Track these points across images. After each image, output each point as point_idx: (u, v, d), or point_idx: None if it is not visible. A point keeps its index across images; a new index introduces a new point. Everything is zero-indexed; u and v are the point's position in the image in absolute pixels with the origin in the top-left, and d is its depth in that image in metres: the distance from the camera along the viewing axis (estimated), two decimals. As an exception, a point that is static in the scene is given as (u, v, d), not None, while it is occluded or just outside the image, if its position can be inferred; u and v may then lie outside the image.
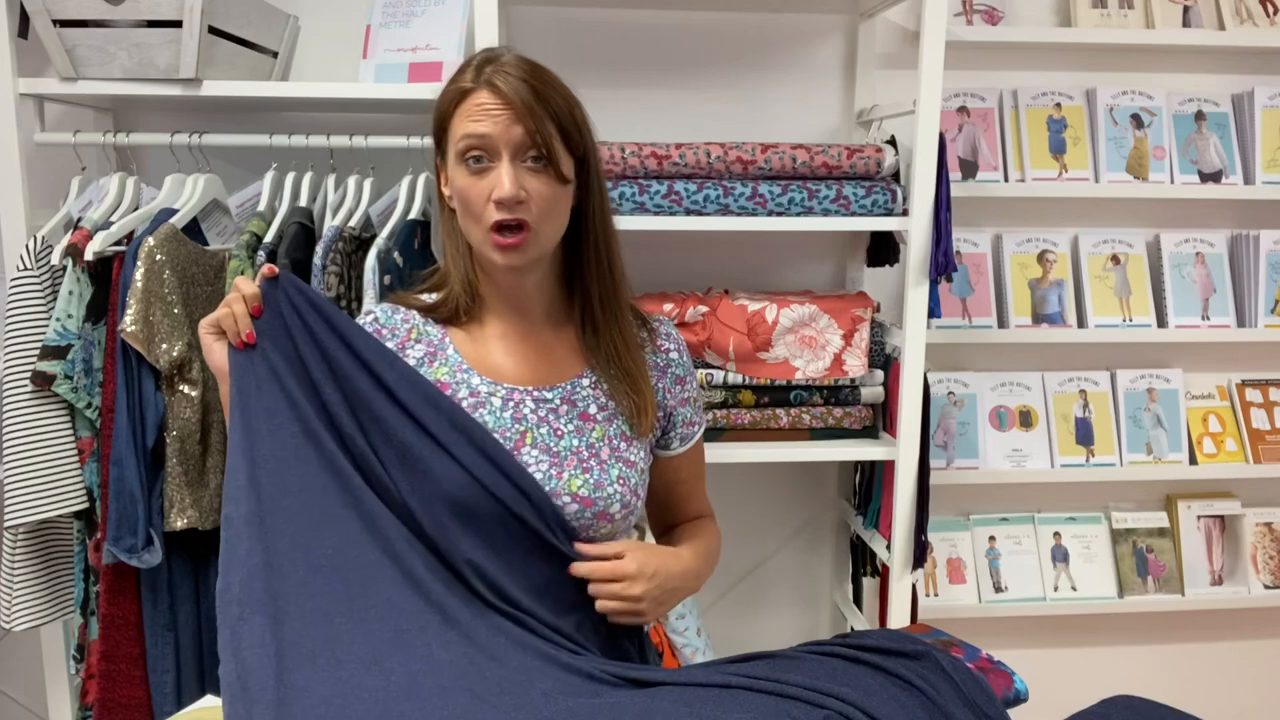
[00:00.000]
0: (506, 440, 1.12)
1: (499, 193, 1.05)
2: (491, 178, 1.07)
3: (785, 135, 2.00)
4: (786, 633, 2.19)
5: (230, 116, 1.87)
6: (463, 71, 1.10)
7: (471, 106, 1.07)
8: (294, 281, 1.10)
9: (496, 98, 1.06)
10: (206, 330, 1.09)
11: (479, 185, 1.07)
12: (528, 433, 1.13)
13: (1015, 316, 2.03)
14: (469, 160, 1.08)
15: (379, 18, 1.71)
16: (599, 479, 1.14)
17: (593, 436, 1.16)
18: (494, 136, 1.06)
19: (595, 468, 1.14)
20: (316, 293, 1.12)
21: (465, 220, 1.11)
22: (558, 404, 1.16)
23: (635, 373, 1.19)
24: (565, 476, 1.12)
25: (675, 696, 1.00)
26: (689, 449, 1.29)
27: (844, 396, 1.79)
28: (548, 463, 1.12)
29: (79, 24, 1.52)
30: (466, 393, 1.13)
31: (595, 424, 1.16)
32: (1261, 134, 2.04)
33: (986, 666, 1.23)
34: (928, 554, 1.84)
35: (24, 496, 1.47)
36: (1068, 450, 2.06)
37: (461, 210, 1.10)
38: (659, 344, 1.25)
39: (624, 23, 1.96)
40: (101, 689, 1.53)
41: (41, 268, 1.50)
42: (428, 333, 1.17)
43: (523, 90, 1.06)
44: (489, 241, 1.08)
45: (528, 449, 1.12)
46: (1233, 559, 2.15)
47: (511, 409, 1.14)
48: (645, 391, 1.19)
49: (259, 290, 1.08)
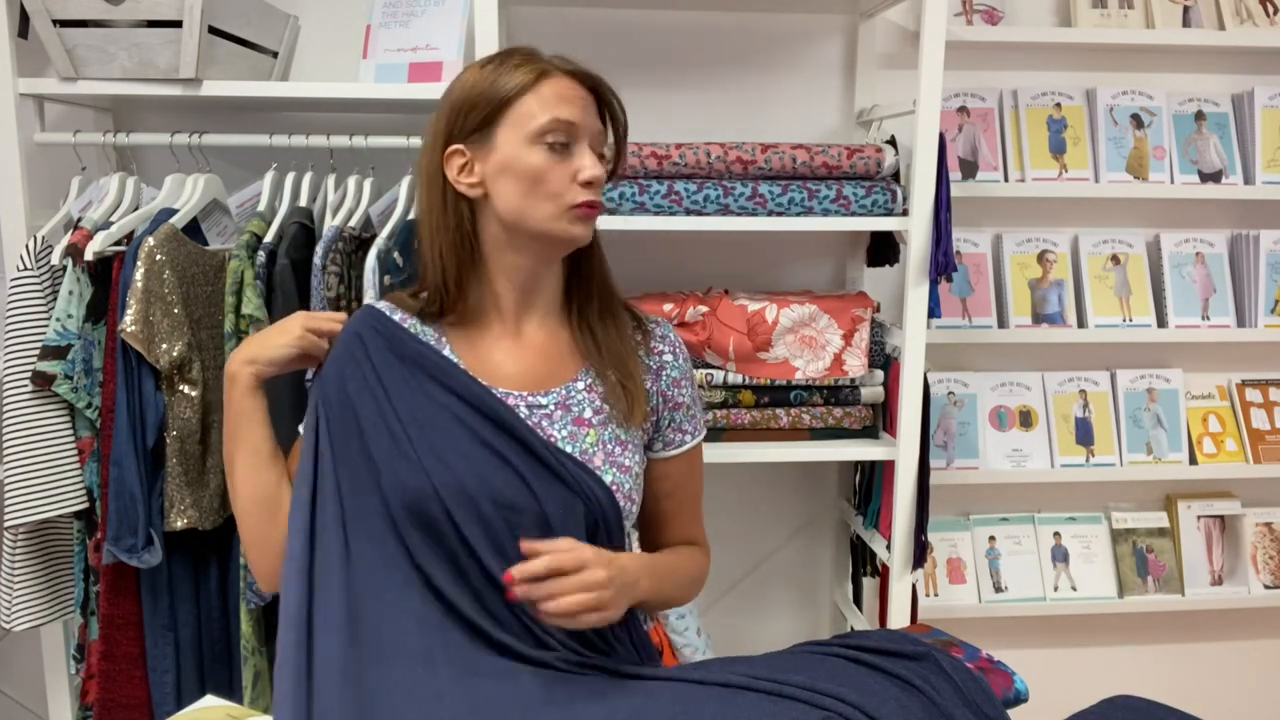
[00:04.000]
0: None
1: (590, 173, 1.10)
2: (575, 160, 1.10)
3: (785, 135, 2.00)
4: (786, 633, 2.19)
5: (230, 116, 1.87)
6: (516, 59, 1.11)
7: (552, 91, 1.09)
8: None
9: (581, 86, 1.12)
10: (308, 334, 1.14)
11: (561, 167, 1.09)
12: None
13: (1015, 316, 2.03)
14: (550, 142, 1.09)
15: (379, 18, 1.71)
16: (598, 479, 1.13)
17: (586, 442, 1.14)
18: (579, 123, 1.10)
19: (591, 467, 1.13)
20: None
21: (531, 200, 1.09)
22: (552, 409, 1.14)
23: (630, 364, 1.18)
24: None
25: (673, 695, 1.00)
26: (679, 456, 1.24)
27: (844, 396, 1.79)
28: None
29: (79, 24, 1.52)
30: None
31: (590, 428, 1.15)
32: (1261, 134, 2.04)
33: (986, 666, 1.23)
34: (928, 554, 1.84)
35: (24, 496, 1.47)
36: (1068, 450, 2.06)
37: (528, 190, 1.09)
38: (652, 346, 1.23)
39: (624, 23, 1.96)
40: (101, 689, 1.53)
41: (41, 268, 1.50)
42: (425, 333, 1.16)
43: (600, 85, 1.14)
44: (568, 215, 1.10)
45: None
46: (1233, 559, 2.15)
47: None
48: (637, 378, 1.18)
49: None
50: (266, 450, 1.15)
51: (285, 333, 1.13)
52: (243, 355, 1.13)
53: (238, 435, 1.14)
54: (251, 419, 1.14)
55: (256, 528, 1.14)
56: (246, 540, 1.16)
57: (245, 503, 1.14)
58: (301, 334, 1.13)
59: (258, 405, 1.14)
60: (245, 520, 1.15)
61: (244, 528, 1.16)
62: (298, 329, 1.13)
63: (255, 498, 1.14)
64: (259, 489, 1.14)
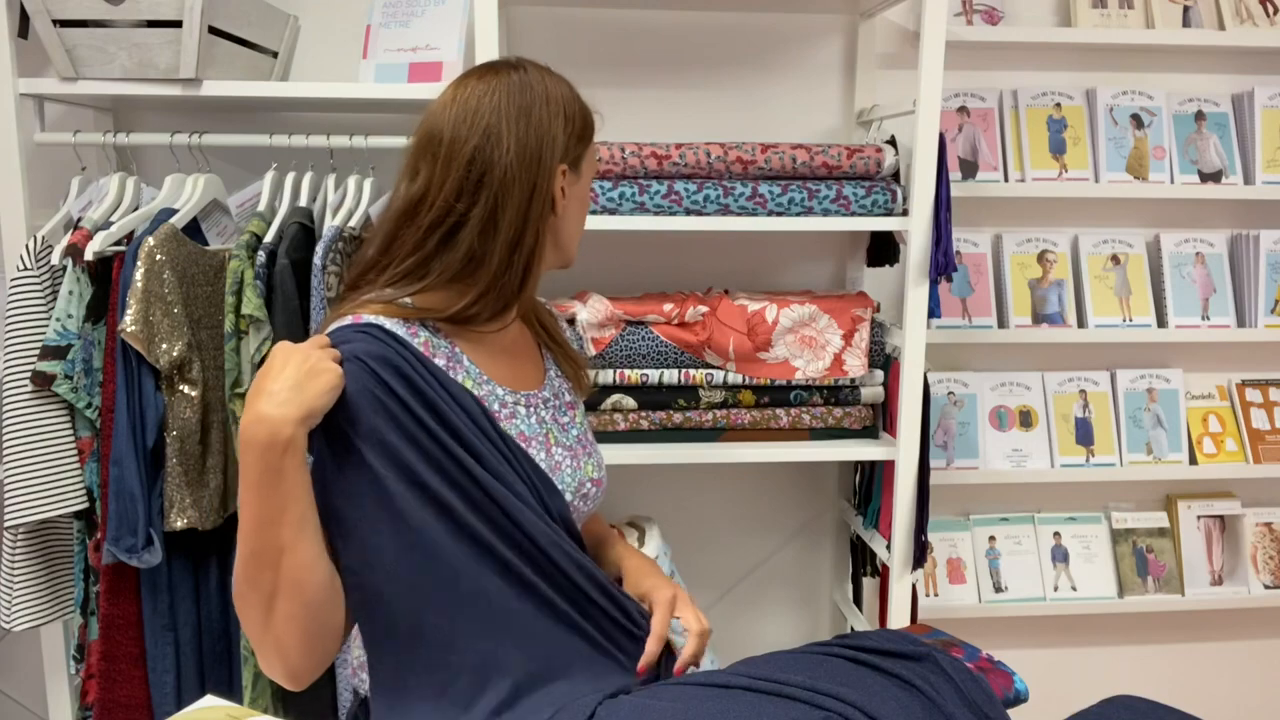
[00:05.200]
0: (540, 445, 1.14)
1: None
2: None
3: (785, 135, 2.00)
4: (786, 633, 2.19)
5: (230, 116, 1.87)
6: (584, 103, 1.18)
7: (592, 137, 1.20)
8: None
9: None
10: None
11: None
12: (549, 434, 1.17)
13: (1015, 316, 2.03)
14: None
15: (379, 18, 1.71)
16: (598, 458, 1.23)
17: (579, 421, 1.24)
18: None
19: (592, 448, 1.23)
20: None
21: (573, 224, 1.18)
22: (552, 400, 1.21)
23: (564, 339, 1.30)
24: (583, 465, 1.19)
25: (673, 695, 1.00)
26: None
27: (844, 396, 1.79)
28: (570, 456, 1.17)
29: (79, 24, 1.52)
30: (496, 404, 1.11)
31: (575, 409, 1.25)
32: (1261, 134, 2.04)
33: (986, 666, 1.23)
34: (928, 554, 1.84)
35: (24, 496, 1.47)
36: (1068, 450, 2.06)
37: (584, 221, 1.20)
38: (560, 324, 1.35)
39: (624, 23, 1.96)
40: (101, 689, 1.53)
41: (41, 268, 1.50)
42: (438, 344, 1.09)
43: None
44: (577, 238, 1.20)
45: (555, 448, 1.16)
46: (1233, 559, 2.15)
47: (534, 413, 1.16)
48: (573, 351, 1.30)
49: None
50: (319, 530, 0.98)
51: (320, 372, 0.95)
52: (292, 414, 0.92)
53: (288, 518, 0.93)
54: (307, 493, 0.96)
55: (318, 615, 0.96)
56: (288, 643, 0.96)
57: (314, 592, 0.95)
58: (340, 373, 0.97)
59: (308, 472, 0.97)
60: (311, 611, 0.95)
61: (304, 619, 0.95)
62: (328, 362, 0.96)
63: (317, 593, 0.96)
64: (321, 579, 0.96)
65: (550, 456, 1.14)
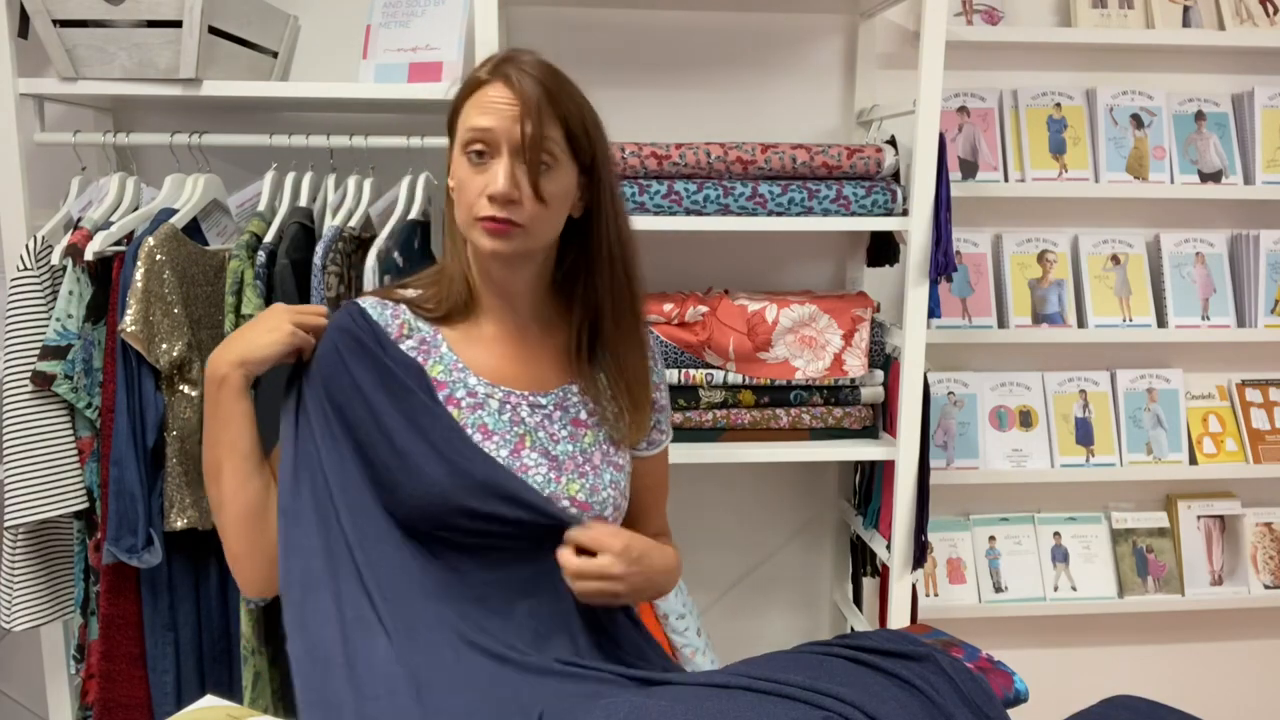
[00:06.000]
0: (505, 443, 1.12)
1: (493, 188, 1.05)
2: (489, 172, 1.07)
3: (785, 135, 2.00)
4: (786, 633, 2.19)
5: (230, 116, 1.87)
6: (482, 65, 1.10)
7: (482, 99, 1.07)
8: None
9: (508, 92, 1.06)
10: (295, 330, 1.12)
11: (476, 179, 1.07)
12: (526, 435, 1.14)
13: (1015, 316, 2.03)
14: (471, 152, 1.07)
15: (379, 18, 1.70)
16: (594, 484, 1.16)
17: (585, 442, 1.17)
18: (497, 131, 1.06)
19: (590, 473, 1.16)
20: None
21: (459, 210, 1.11)
22: (551, 410, 1.17)
23: (637, 386, 1.20)
24: (564, 480, 1.14)
25: (673, 695, 1.00)
26: (655, 455, 1.29)
27: (844, 396, 1.79)
28: (546, 466, 1.13)
29: (79, 24, 1.52)
30: (464, 392, 1.13)
31: (587, 429, 1.18)
32: (1261, 134, 2.04)
33: (986, 666, 1.23)
34: (928, 554, 1.84)
35: (24, 496, 1.47)
36: (1068, 450, 2.06)
37: (456, 200, 1.11)
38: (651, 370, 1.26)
39: (624, 23, 1.96)
40: (101, 689, 1.53)
41: (41, 268, 1.50)
42: (419, 329, 1.15)
43: (533, 89, 1.06)
44: (476, 226, 1.08)
45: (527, 451, 1.13)
46: (1233, 559, 2.15)
47: (510, 411, 1.14)
48: (644, 405, 1.21)
49: None
50: (256, 455, 1.12)
51: (273, 329, 1.11)
52: (231, 356, 1.10)
53: (224, 440, 1.11)
54: (241, 423, 1.11)
55: (247, 536, 1.11)
56: (235, 551, 1.13)
57: (236, 511, 1.11)
58: (291, 331, 1.11)
59: (247, 408, 1.11)
60: (235, 529, 1.12)
61: (232, 538, 1.12)
62: (286, 325, 1.11)
63: (247, 506, 1.11)
64: (250, 496, 1.11)
65: (517, 458, 1.12)
